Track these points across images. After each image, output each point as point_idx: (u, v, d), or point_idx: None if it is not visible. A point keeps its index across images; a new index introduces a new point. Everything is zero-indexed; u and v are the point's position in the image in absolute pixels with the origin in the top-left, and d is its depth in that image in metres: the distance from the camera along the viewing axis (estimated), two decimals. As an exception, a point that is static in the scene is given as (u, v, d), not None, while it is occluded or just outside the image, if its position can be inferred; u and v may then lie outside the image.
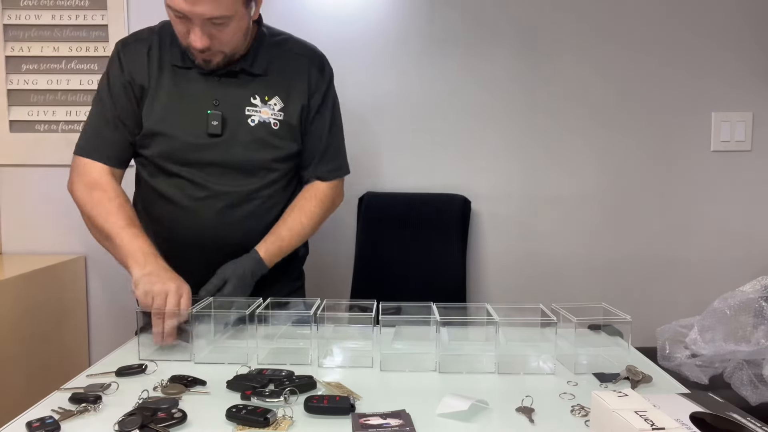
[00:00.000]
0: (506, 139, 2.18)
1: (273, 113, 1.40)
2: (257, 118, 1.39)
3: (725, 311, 1.56)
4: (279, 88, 1.41)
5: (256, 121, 1.39)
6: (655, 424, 0.70)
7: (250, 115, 1.39)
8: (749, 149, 2.17)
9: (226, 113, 1.37)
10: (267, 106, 1.40)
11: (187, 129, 1.37)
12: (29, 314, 1.86)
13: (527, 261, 2.20)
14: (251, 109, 1.39)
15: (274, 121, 1.40)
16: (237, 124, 1.38)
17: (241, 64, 1.38)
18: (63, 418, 0.89)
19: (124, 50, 1.41)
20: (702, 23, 2.13)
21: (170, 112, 1.37)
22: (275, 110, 1.40)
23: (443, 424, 0.89)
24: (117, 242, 1.29)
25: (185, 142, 1.37)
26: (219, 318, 1.23)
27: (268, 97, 1.40)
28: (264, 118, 1.39)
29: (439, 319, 1.11)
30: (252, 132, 1.39)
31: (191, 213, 1.40)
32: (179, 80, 1.38)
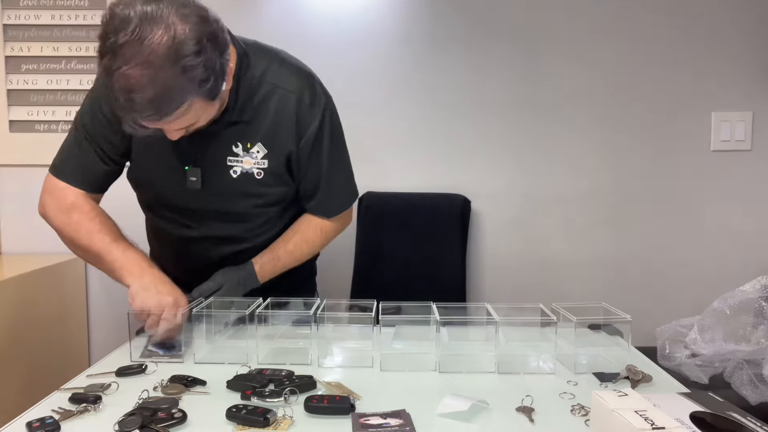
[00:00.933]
0: (506, 139, 2.18)
1: (256, 162, 1.28)
2: (239, 169, 1.28)
3: (725, 311, 1.56)
4: (262, 133, 1.27)
5: (238, 172, 1.28)
6: (655, 424, 0.70)
7: (231, 166, 1.28)
8: (749, 149, 2.17)
9: (207, 167, 1.27)
10: (249, 155, 1.28)
11: (167, 181, 1.30)
12: (29, 314, 1.86)
13: (527, 261, 2.20)
14: (233, 159, 1.28)
15: (258, 170, 1.29)
16: (218, 177, 1.28)
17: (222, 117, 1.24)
18: (63, 418, 0.89)
19: None
20: (702, 23, 2.13)
21: (149, 162, 1.30)
22: (258, 158, 1.28)
23: (443, 424, 0.89)
24: (108, 258, 1.25)
25: (166, 193, 1.32)
26: (219, 318, 1.23)
27: (251, 144, 1.28)
28: (246, 168, 1.28)
29: (439, 319, 1.11)
30: (234, 184, 1.29)
31: (184, 249, 1.38)
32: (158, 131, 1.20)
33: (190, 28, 1.03)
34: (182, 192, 1.30)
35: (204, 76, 1.06)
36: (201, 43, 1.04)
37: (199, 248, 1.37)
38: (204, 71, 1.06)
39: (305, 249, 1.41)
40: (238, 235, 1.36)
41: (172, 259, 1.43)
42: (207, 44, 1.06)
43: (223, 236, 1.35)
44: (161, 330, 1.17)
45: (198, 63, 1.04)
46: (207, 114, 1.17)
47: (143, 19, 1.01)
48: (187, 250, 1.39)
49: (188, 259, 1.39)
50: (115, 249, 1.25)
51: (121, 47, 1.01)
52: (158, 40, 1.01)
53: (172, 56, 1.01)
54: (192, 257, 1.38)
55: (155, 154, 1.28)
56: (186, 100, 1.06)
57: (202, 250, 1.37)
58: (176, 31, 1.02)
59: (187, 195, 1.30)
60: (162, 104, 1.04)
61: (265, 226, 1.38)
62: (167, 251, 1.45)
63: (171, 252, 1.43)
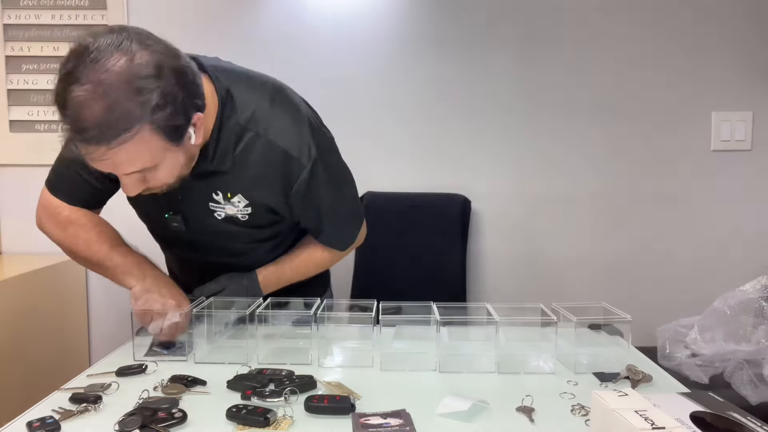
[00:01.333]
0: (506, 139, 2.18)
1: (239, 210, 1.22)
2: (223, 213, 1.23)
3: (725, 311, 1.56)
4: (243, 185, 1.20)
5: (222, 215, 1.23)
6: (655, 424, 0.70)
7: (214, 210, 1.23)
8: (749, 149, 2.17)
9: (189, 212, 1.23)
10: (230, 203, 1.22)
11: (155, 223, 1.31)
12: (29, 314, 1.86)
13: (527, 261, 2.20)
14: (215, 204, 1.22)
15: (242, 215, 1.23)
16: (202, 221, 1.24)
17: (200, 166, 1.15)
18: (63, 418, 0.89)
19: None
20: (702, 23, 2.13)
21: (133, 200, 1.25)
22: (240, 207, 1.22)
23: (443, 424, 0.89)
24: (109, 265, 1.23)
25: (157, 231, 1.34)
26: (219, 318, 1.23)
27: (231, 194, 1.21)
28: (230, 213, 1.23)
29: (440, 319, 1.11)
30: (219, 225, 1.24)
31: (186, 266, 1.40)
32: None
33: (150, 54, 0.97)
34: (170, 231, 1.28)
35: (159, 102, 0.96)
36: (161, 69, 0.97)
37: (197, 263, 1.38)
38: (160, 98, 0.96)
39: (311, 268, 1.37)
40: (234, 251, 1.33)
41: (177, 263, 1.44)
42: (168, 74, 0.98)
43: (221, 257, 1.33)
44: (165, 331, 1.17)
45: (154, 87, 0.96)
46: (169, 163, 1.05)
47: (103, 46, 0.95)
48: (189, 262, 1.41)
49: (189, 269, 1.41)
50: (116, 255, 1.24)
51: (75, 69, 0.94)
52: (114, 62, 0.94)
53: (125, 75, 0.94)
54: (193, 267, 1.40)
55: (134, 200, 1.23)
56: (134, 125, 0.95)
57: (200, 264, 1.36)
58: (135, 56, 0.96)
59: (175, 234, 1.28)
60: (107, 123, 0.94)
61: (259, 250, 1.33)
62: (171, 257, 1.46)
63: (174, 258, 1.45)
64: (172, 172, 1.08)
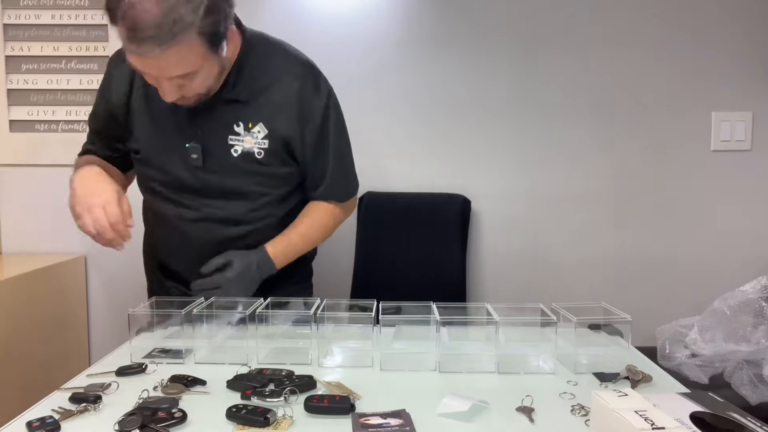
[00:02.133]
0: (506, 139, 2.18)
1: (257, 141, 1.31)
2: (240, 148, 1.30)
3: (725, 311, 1.56)
4: (264, 114, 1.30)
5: (239, 151, 1.30)
6: (655, 424, 0.70)
7: (233, 144, 1.31)
8: (749, 149, 2.17)
9: (208, 144, 1.30)
10: (250, 134, 1.30)
11: (170, 159, 1.33)
12: (29, 314, 1.86)
13: (527, 261, 2.20)
14: (234, 138, 1.30)
15: (258, 150, 1.31)
16: (219, 155, 1.31)
17: (223, 93, 1.28)
18: (63, 418, 0.89)
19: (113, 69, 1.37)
20: (702, 23, 2.13)
21: (152, 141, 1.33)
22: (259, 138, 1.31)
23: (443, 424, 0.89)
24: None
25: (169, 172, 1.34)
26: (219, 318, 1.23)
27: (252, 124, 1.30)
28: (247, 147, 1.30)
29: (439, 319, 1.11)
30: (235, 162, 1.31)
31: (185, 235, 1.37)
32: (160, 108, 1.29)
33: None
34: (184, 169, 1.32)
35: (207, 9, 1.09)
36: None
37: (199, 231, 1.36)
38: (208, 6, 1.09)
39: (318, 232, 1.42)
40: (238, 215, 1.35)
41: (172, 248, 1.42)
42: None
43: (223, 217, 1.35)
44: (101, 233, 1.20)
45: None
46: (205, 72, 1.18)
47: None
48: (186, 236, 1.37)
49: (188, 245, 1.38)
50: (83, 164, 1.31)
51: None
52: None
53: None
54: (192, 243, 1.37)
55: (157, 131, 1.32)
56: (185, 29, 1.08)
57: (202, 232, 1.36)
58: None
59: (189, 172, 1.32)
60: (163, 25, 1.06)
61: (266, 208, 1.37)
62: (166, 240, 1.44)
63: (170, 240, 1.42)
64: (206, 82, 1.20)
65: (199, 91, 1.22)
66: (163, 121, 1.31)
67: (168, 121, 1.30)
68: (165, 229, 1.42)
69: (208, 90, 1.24)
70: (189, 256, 1.37)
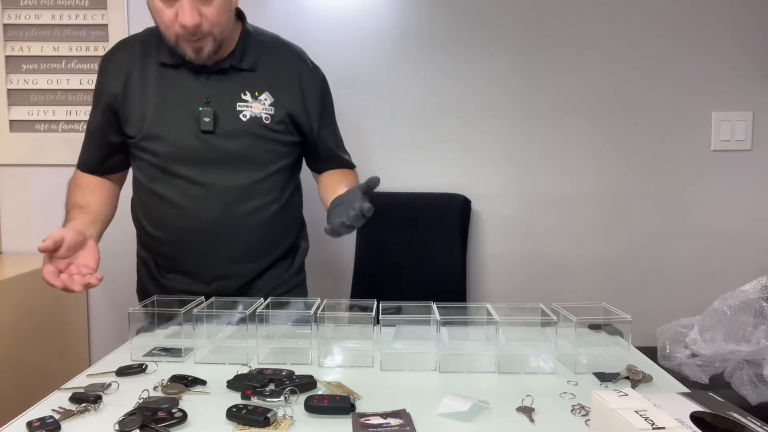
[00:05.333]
0: (506, 138, 2.18)
1: (264, 108, 1.40)
2: (249, 113, 1.39)
3: (725, 311, 1.56)
4: (269, 83, 1.41)
5: (248, 116, 1.38)
6: (656, 424, 0.70)
7: (241, 110, 1.38)
8: (749, 149, 2.17)
9: (217, 109, 1.37)
10: (258, 101, 1.39)
11: (180, 128, 1.37)
12: (29, 314, 1.86)
13: (527, 261, 2.20)
14: (242, 104, 1.39)
15: (266, 115, 1.40)
16: (229, 120, 1.38)
17: (230, 60, 1.38)
18: (63, 418, 0.89)
19: (106, 63, 1.43)
20: (702, 23, 2.13)
21: (161, 113, 1.38)
22: (266, 105, 1.40)
23: (443, 424, 0.89)
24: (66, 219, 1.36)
25: (179, 141, 1.37)
26: (220, 317, 1.23)
27: (258, 92, 1.40)
28: (255, 113, 1.39)
29: (440, 319, 1.11)
30: (244, 126, 1.38)
31: (192, 214, 1.39)
32: (168, 80, 1.38)
33: None
34: (194, 136, 1.37)
35: None
36: None
37: (204, 208, 1.38)
38: None
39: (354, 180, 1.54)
40: (245, 185, 1.39)
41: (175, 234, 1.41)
42: None
43: (229, 187, 1.38)
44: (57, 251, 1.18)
45: None
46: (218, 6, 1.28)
47: None
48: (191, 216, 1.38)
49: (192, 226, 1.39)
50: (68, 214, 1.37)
51: None
52: None
53: None
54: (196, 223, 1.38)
55: (164, 103, 1.38)
56: None
57: (207, 208, 1.38)
58: None
59: (199, 139, 1.37)
60: None
61: (271, 179, 1.43)
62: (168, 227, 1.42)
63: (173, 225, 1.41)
64: (222, 14, 1.30)
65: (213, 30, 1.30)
66: (171, 93, 1.38)
67: (176, 91, 1.38)
68: (166, 215, 1.41)
69: (221, 32, 1.32)
70: (193, 240, 1.39)
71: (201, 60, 1.34)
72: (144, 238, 1.49)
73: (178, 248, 1.42)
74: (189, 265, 1.43)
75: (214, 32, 1.31)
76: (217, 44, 1.33)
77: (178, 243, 1.42)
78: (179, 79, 1.38)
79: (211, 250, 1.40)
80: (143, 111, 1.38)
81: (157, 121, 1.38)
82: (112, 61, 1.42)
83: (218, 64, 1.38)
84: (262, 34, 1.47)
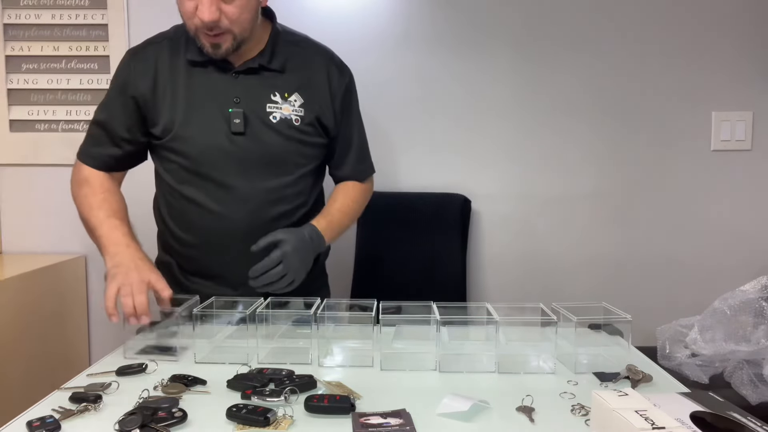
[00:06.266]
0: (506, 138, 2.18)
1: (294, 109, 1.38)
2: (279, 115, 1.37)
3: (725, 311, 1.56)
4: (299, 84, 1.39)
5: (278, 118, 1.37)
6: (656, 424, 0.70)
7: (271, 111, 1.37)
8: (749, 148, 2.17)
9: (248, 110, 1.35)
10: (287, 103, 1.38)
11: (210, 129, 1.35)
12: (29, 314, 1.86)
13: (527, 260, 2.20)
14: (272, 105, 1.37)
15: (296, 117, 1.38)
16: (259, 121, 1.36)
17: (259, 60, 1.36)
18: (63, 418, 0.89)
19: (133, 59, 1.39)
20: (702, 22, 2.13)
21: (191, 114, 1.35)
22: (296, 106, 1.38)
23: (443, 423, 0.89)
24: (98, 233, 1.31)
25: (209, 143, 1.35)
26: (220, 317, 1.23)
27: (288, 93, 1.38)
28: (285, 114, 1.37)
29: (440, 319, 1.11)
30: (274, 128, 1.36)
31: (221, 216, 1.37)
32: (196, 80, 1.36)
33: None
34: (224, 137, 1.35)
35: None
36: None
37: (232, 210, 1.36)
38: None
39: (352, 205, 1.49)
40: (275, 188, 1.38)
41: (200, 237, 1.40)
42: None
43: (260, 189, 1.37)
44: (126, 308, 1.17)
45: None
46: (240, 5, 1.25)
47: None
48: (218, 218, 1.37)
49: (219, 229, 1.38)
50: (106, 225, 1.30)
51: None
52: None
53: None
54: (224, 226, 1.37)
55: (194, 104, 1.35)
56: None
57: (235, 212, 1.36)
58: None
59: (229, 140, 1.35)
60: None
61: (300, 183, 1.42)
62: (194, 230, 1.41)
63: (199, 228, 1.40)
64: (243, 14, 1.27)
65: (233, 28, 1.27)
66: (201, 93, 1.36)
67: (205, 91, 1.35)
68: (194, 217, 1.39)
69: (242, 31, 1.29)
70: (221, 243, 1.38)
71: (219, 55, 1.31)
72: (168, 240, 1.46)
73: (205, 251, 1.41)
74: (216, 268, 1.41)
75: (233, 30, 1.28)
76: (237, 42, 1.30)
77: (206, 246, 1.40)
78: (208, 79, 1.36)
79: (238, 254, 1.34)
80: (172, 113, 1.35)
81: (187, 122, 1.35)
82: (140, 58, 1.38)
83: (247, 63, 1.36)
84: (292, 34, 1.45)
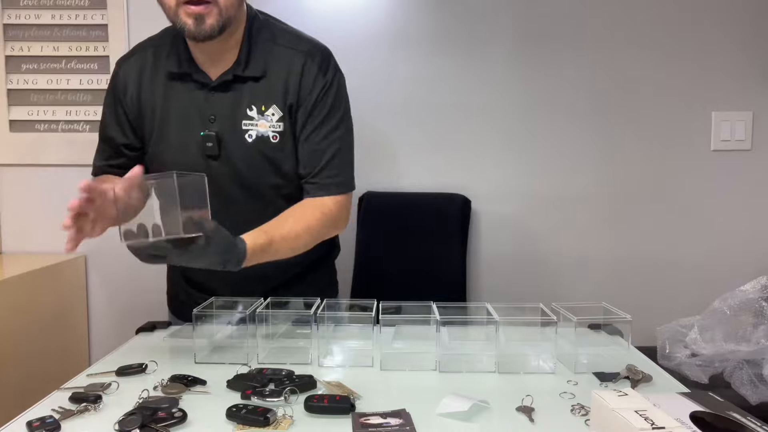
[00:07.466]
0: (506, 138, 2.18)
1: (271, 125, 1.28)
2: (254, 133, 1.28)
3: (725, 311, 1.56)
4: (276, 94, 1.28)
5: (253, 136, 1.28)
6: (655, 424, 0.70)
7: (247, 129, 1.28)
8: (749, 148, 2.17)
9: (222, 130, 1.28)
10: (264, 118, 1.28)
11: (184, 151, 1.30)
12: (29, 314, 1.86)
13: (527, 260, 2.20)
14: (248, 122, 1.28)
15: (273, 134, 1.28)
16: (234, 142, 1.28)
17: (233, 71, 1.27)
18: (63, 418, 0.89)
19: (121, 69, 1.36)
20: (702, 22, 2.13)
21: (164, 134, 1.31)
22: (273, 121, 1.28)
23: (443, 423, 0.89)
24: None
25: (183, 166, 1.20)
26: (219, 317, 1.23)
27: (265, 106, 1.28)
28: (262, 131, 1.28)
29: (440, 319, 1.11)
30: (250, 149, 1.28)
31: None
32: (173, 95, 1.30)
33: None
34: (200, 161, 1.28)
35: None
36: None
37: None
38: None
39: (303, 236, 1.25)
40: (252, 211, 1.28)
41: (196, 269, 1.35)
42: None
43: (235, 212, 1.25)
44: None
45: None
46: None
47: None
48: None
49: None
50: None
51: None
52: None
53: None
54: None
55: (171, 126, 1.30)
56: None
57: None
58: None
59: (205, 166, 1.26)
60: None
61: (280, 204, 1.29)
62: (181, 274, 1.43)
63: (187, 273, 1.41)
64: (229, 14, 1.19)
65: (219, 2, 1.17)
66: (175, 112, 1.29)
67: (180, 111, 1.29)
68: None
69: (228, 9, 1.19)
70: None
71: (202, 33, 1.18)
72: None
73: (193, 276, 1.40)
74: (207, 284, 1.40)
75: (219, 5, 1.18)
76: (223, 21, 1.19)
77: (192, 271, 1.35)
78: (185, 95, 1.29)
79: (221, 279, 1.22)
80: (150, 128, 1.32)
81: (162, 141, 1.31)
82: (126, 68, 1.35)
83: (222, 77, 1.27)
84: (274, 26, 1.33)
